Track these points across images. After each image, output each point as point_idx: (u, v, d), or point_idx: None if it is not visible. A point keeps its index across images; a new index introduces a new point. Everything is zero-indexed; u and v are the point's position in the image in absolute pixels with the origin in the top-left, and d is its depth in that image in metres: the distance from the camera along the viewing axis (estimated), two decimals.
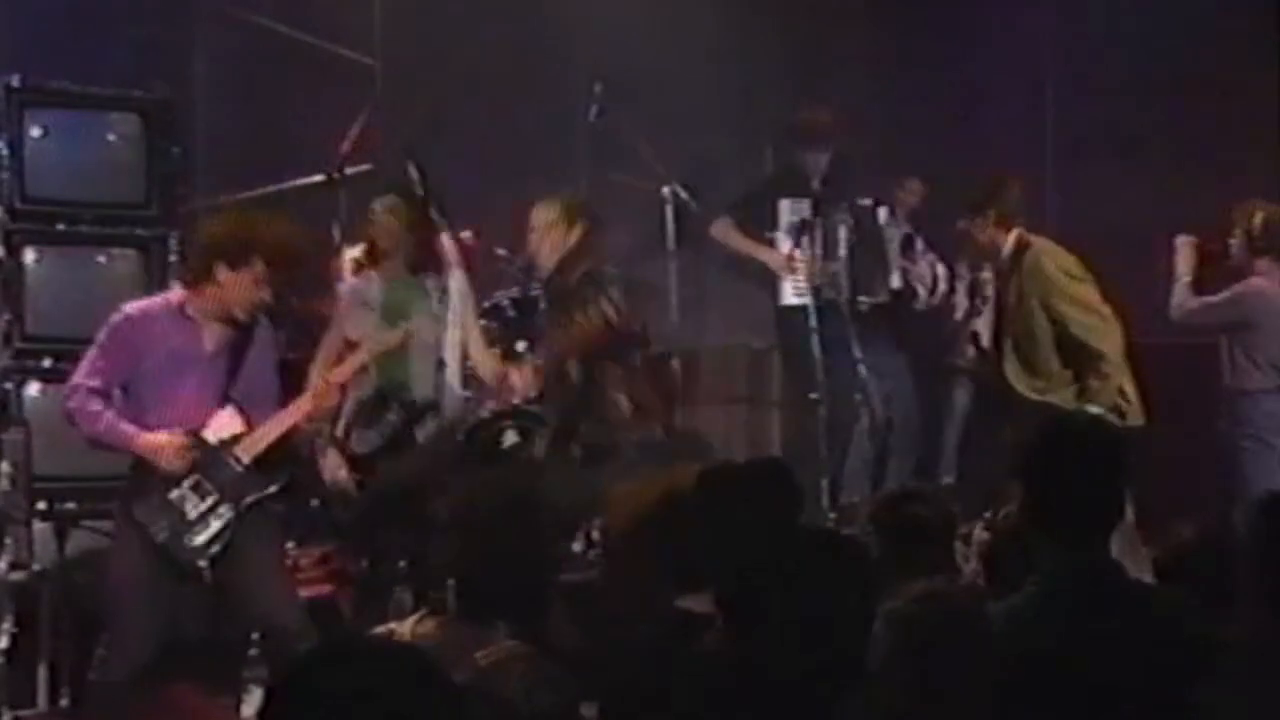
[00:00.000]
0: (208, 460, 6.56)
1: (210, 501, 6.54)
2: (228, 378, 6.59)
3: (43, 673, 7.29)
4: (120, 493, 6.65)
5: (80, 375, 6.56)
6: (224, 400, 6.60)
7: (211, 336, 6.59)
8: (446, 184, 8.23)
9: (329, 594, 7.71)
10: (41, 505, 7.69)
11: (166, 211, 8.08)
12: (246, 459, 6.57)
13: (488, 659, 4.44)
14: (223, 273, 6.48)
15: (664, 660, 4.17)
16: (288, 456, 6.74)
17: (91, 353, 6.59)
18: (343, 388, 6.93)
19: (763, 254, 9.31)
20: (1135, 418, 7.86)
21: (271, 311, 6.65)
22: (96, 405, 6.48)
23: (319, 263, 7.16)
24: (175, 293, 6.72)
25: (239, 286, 6.48)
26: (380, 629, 4.87)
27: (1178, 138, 10.01)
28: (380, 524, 7.40)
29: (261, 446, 6.59)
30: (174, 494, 6.52)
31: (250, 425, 6.60)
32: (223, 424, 6.57)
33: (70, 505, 7.73)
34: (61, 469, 7.70)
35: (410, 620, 4.79)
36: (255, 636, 7.29)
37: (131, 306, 6.69)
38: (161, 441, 6.48)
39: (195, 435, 6.55)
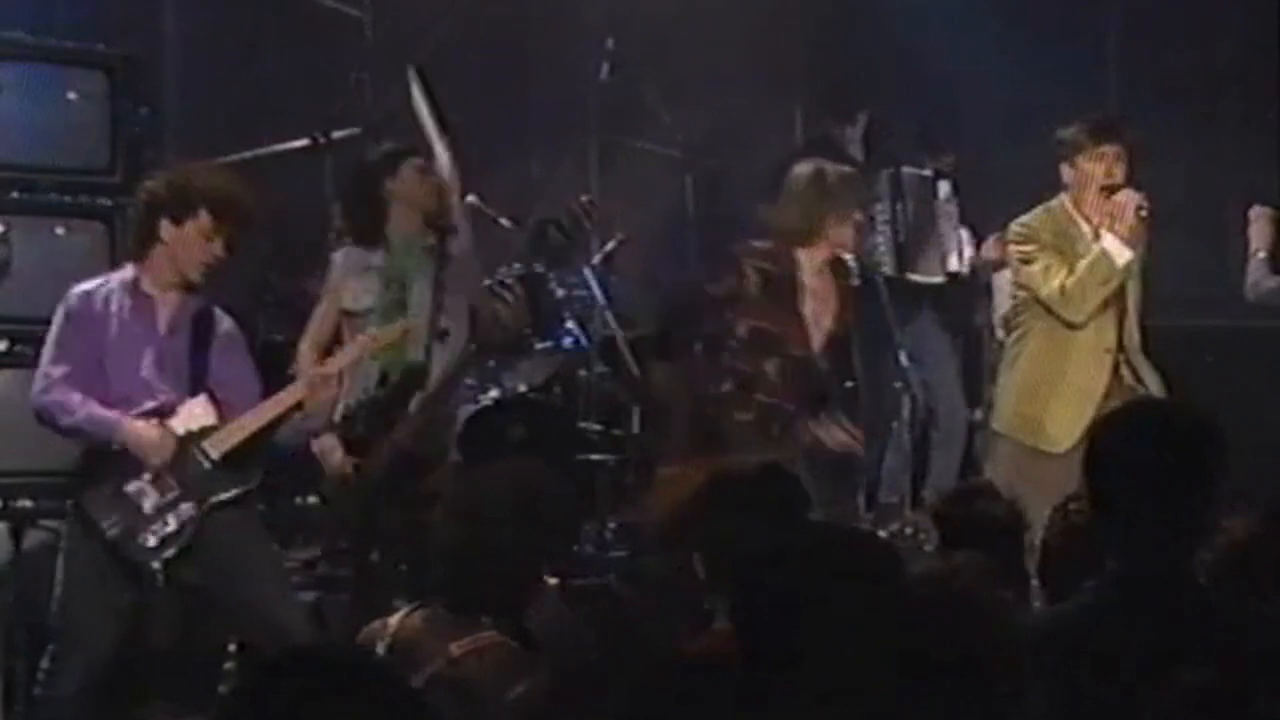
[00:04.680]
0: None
1: (170, 497, 6.45)
2: (190, 363, 6.55)
3: None
4: (71, 484, 6.61)
5: (45, 367, 6.57)
6: (192, 387, 6.54)
7: (166, 311, 6.56)
8: None
9: (315, 600, 7.67)
10: None
11: (133, 179, 7.72)
12: (216, 454, 6.49)
13: (461, 648, 4.73)
14: (167, 230, 6.49)
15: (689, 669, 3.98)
16: (263, 455, 6.67)
17: (49, 343, 6.61)
18: (340, 376, 6.83)
19: None
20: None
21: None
22: (75, 396, 6.48)
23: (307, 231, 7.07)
24: (127, 269, 6.69)
25: (186, 242, 6.47)
26: (370, 626, 5.05)
27: (1254, 96, 9.91)
28: (377, 512, 7.36)
29: (234, 441, 6.50)
30: (130, 487, 6.44)
31: (222, 418, 6.54)
32: (192, 415, 6.51)
33: (26, 503, 7.52)
34: (16, 463, 7.46)
35: (398, 615, 4.98)
36: (231, 648, 7.19)
37: (79, 286, 6.72)
38: (144, 430, 6.45)
39: (162, 424, 6.49)
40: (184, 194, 6.46)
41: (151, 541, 6.40)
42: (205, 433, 6.48)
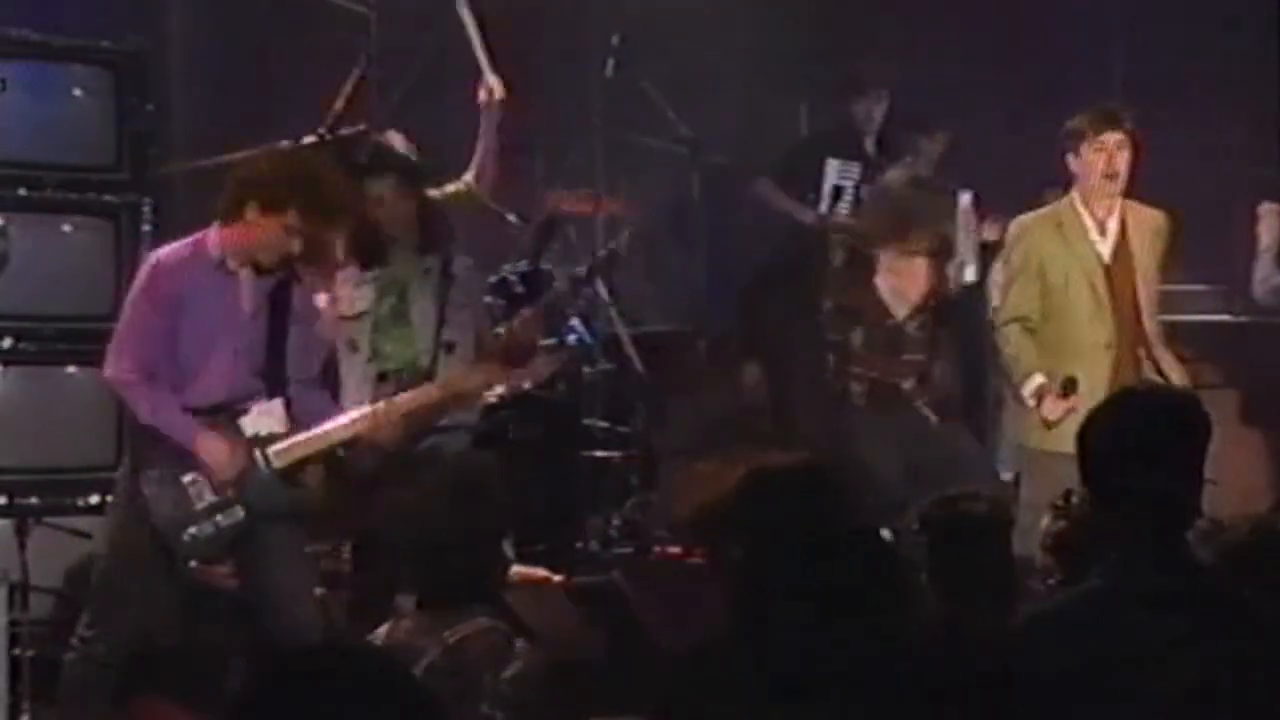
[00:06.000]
0: None
1: (222, 498, 6.37)
2: (266, 346, 6.41)
3: (0, 686, 7.03)
4: (131, 458, 6.47)
5: (125, 341, 6.42)
6: (266, 373, 6.40)
7: (250, 292, 6.40)
8: (448, 144, 8.15)
9: (320, 597, 7.42)
10: (0, 500, 7.56)
11: (139, 175, 7.95)
12: (278, 465, 6.41)
13: (454, 636, 4.87)
14: (253, 214, 6.33)
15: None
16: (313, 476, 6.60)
17: (131, 314, 6.44)
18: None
19: (807, 218, 9.29)
20: None
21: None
22: (144, 384, 6.34)
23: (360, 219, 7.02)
24: (208, 235, 6.46)
25: (267, 231, 6.32)
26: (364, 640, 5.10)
27: (1262, 91, 9.78)
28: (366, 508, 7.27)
29: (297, 456, 6.43)
30: (187, 477, 6.35)
31: (292, 426, 6.43)
32: (264, 418, 6.40)
33: (33, 500, 7.60)
34: (22, 460, 7.60)
35: (383, 629, 5.14)
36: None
37: (163, 253, 6.52)
38: (215, 446, 6.33)
39: (235, 426, 6.38)
40: (280, 185, 6.32)
41: (195, 538, 6.35)
42: (272, 439, 6.40)
